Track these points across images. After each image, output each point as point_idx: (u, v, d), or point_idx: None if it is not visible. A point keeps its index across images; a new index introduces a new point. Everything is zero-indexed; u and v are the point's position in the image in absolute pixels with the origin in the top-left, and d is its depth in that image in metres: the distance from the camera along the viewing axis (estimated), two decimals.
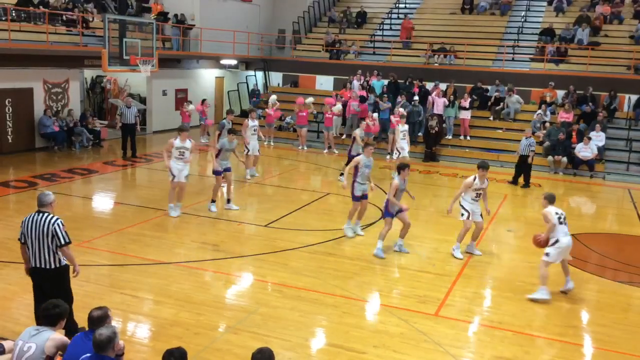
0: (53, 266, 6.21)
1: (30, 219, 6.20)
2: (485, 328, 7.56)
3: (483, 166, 9.95)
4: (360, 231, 10.96)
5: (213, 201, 12.13)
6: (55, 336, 4.95)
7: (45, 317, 5.04)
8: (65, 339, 5.04)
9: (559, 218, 8.38)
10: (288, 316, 7.52)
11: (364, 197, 10.70)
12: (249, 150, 15.24)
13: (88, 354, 4.63)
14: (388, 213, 9.89)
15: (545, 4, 25.88)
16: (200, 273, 8.86)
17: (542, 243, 8.53)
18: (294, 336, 7.00)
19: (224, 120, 14.90)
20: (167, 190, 11.86)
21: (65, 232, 6.20)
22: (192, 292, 8.12)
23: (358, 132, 14.46)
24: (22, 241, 6.30)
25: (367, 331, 7.29)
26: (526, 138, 15.99)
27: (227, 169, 12.12)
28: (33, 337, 4.89)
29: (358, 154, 14.14)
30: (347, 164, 14.02)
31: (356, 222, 10.96)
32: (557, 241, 8.33)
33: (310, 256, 9.77)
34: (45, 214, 6.19)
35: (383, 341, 6.99)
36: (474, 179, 9.81)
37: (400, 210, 9.85)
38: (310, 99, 21.02)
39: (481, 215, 10.10)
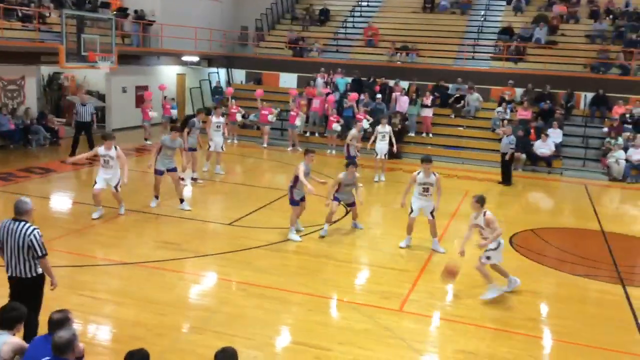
0: (29, 275, 5.95)
1: (6, 227, 5.92)
2: (447, 322, 7.66)
3: (425, 160, 10.12)
4: (301, 227, 10.92)
5: (156, 197, 11.99)
6: (12, 340, 4.83)
7: (3, 320, 4.90)
8: (23, 342, 4.92)
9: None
10: (252, 315, 7.48)
11: (303, 199, 10.71)
12: (210, 147, 15.10)
13: (47, 357, 4.52)
14: (292, 201, 10.44)
15: (504, 3, 26.37)
16: (162, 273, 8.72)
17: (455, 274, 8.20)
18: (259, 335, 6.96)
19: (194, 119, 14.63)
20: (125, 189, 11.57)
21: (42, 243, 5.91)
22: (154, 292, 7.99)
23: (354, 132, 14.84)
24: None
25: (332, 328, 7.32)
26: (507, 136, 16.18)
27: (172, 169, 11.83)
28: None
29: (354, 155, 14.89)
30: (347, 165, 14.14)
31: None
32: (499, 244, 8.33)
33: (274, 254, 9.74)
34: (22, 223, 5.90)
35: (348, 338, 7.01)
36: (418, 173, 10.03)
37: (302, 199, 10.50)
38: (273, 115, 20.72)
39: (432, 213, 10.19)
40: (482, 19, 25.35)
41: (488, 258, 8.30)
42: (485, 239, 8.25)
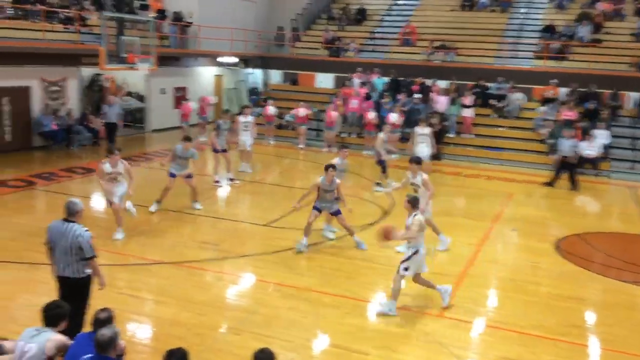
0: (78, 276, 6.02)
1: (57, 227, 6.01)
2: (489, 328, 7.46)
3: (413, 160, 9.94)
4: (333, 228, 10.67)
5: (158, 202, 11.72)
6: (55, 337, 4.89)
7: (46, 317, 4.97)
8: (66, 339, 4.98)
9: (423, 228, 7.72)
10: (289, 316, 7.42)
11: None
12: (238, 146, 15.41)
13: (89, 355, 4.59)
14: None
15: (546, 0, 25.76)
16: (201, 273, 8.76)
17: (389, 236, 7.51)
18: (296, 337, 6.91)
19: (220, 121, 14.80)
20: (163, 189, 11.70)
21: (91, 245, 5.98)
22: (192, 292, 8.02)
23: (382, 136, 14.45)
24: (49, 246, 6.10)
25: (369, 332, 7.20)
26: (567, 139, 15.70)
27: (188, 176, 11.82)
28: (33, 337, 4.84)
29: (384, 159, 14.28)
30: (383, 171, 14.18)
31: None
32: (416, 252, 7.61)
33: (310, 256, 9.67)
34: (72, 224, 5.98)
35: (386, 342, 6.89)
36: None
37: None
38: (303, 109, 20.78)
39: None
40: (523, 17, 24.83)
41: (406, 269, 7.57)
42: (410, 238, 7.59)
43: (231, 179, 14.52)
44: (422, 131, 14.89)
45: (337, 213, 9.94)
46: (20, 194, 12.86)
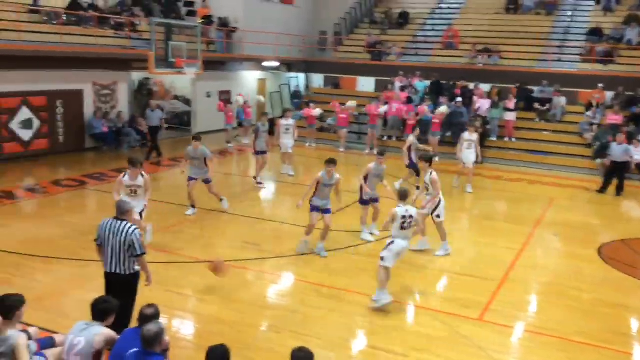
0: (127, 272, 6.26)
1: (108, 225, 6.25)
2: (529, 334, 7.41)
3: (422, 158, 10.20)
4: (375, 230, 10.93)
5: (192, 206, 11.78)
6: (103, 331, 5.09)
7: (95, 312, 5.18)
8: (114, 333, 5.17)
9: (404, 222, 7.82)
10: (328, 316, 7.54)
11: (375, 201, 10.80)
12: (281, 148, 15.58)
13: (135, 349, 4.74)
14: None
15: (593, 3, 25.22)
16: (243, 272, 8.97)
17: (219, 268, 8.09)
18: (335, 337, 7.01)
19: (259, 123, 15.01)
20: (206, 190, 11.94)
21: (141, 243, 6.25)
22: (235, 290, 8.23)
23: (411, 139, 14.19)
24: (98, 243, 6.34)
25: (408, 334, 7.25)
26: (618, 144, 15.37)
27: (206, 180, 11.68)
28: (83, 331, 5.05)
29: (415, 162, 13.77)
30: (417, 174, 14.03)
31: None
32: (392, 242, 7.85)
33: (350, 257, 9.78)
34: (124, 222, 6.23)
35: (424, 344, 6.93)
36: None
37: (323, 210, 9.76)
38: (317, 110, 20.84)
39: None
40: (569, 20, 24.36)
41: (382, 259, 7.82)
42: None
43: (259, 183, 14.57)
44: (470, 137, 14.57)
45: (327, 212, 9.82)
46: (73, 193, 13.38)
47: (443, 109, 18.69)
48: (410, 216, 7.87)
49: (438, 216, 9.95)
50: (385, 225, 7.96)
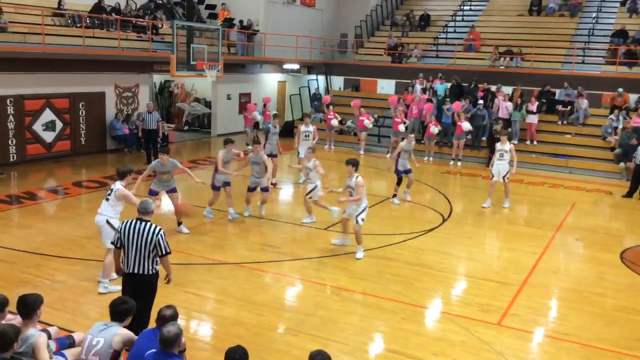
0: (149, 273, 6.25)
1: (131, 226, 6.21)
2: (550, 339, 7.31)
3: (349, 162, 10.00)
4: (235, 214, 11.52)
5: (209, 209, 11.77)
6: (122, 331, 5.13)
7: (114, 312, 5.22)
8: (132, 334, 5.21)
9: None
10: (346, 320, 7.52)
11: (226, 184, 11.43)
12: (299, 154, 15.01)
13: (153, 350, 4.77)
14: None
15: (617, 4, 24.85)
16: (261, 274, 8.99)
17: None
18: (352, 340, 6.98)
19: (269, 125, 14.66)
20: (224, 194, 11.93)
21: (167, 242, 6.26)
22: (253, 292, 8.24)
23: (403, 144, 13.22)
24: (117, 245, 6.33)
25: (426, 338, 7.20)
26: None
27: (227, 183, 11.49)
28: (102, 331, 5.10)
29: (406, 170, 13.31)
30: (398, 184, 13.53)
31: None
32: (366, 207, 9.68)
33: (369, 260, 9.73)
34: (148, 223, 6.22)
35: (443, 349, 6.87)
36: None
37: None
38: (369, 121, 20.60)
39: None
40: (593, 21, 24.03)
41: (362, 220, 9.60)
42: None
43: (273, 184, 14.22)
44: (503, 147, 13.22)
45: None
46: (94, 194, 13.53)
47: (467, 126, 18.39)
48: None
49: (363, 220, 9.72)
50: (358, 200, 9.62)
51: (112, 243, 6.49)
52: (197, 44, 17.91)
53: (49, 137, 16.82)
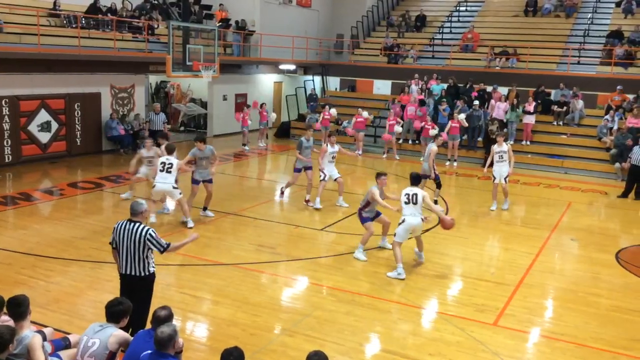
0: (142, 274, 6.24)
1: (122, 227, 6.24)
2: (546, 339, 7.32)
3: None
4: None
5: (205, 208, 11.88)
6: (117, 333, 5.12)
7: (109, 313, 5.21)
8: (128, 335, 5.21)
9: (407, 199, 9.11)
10: (343, 320, 7.51)
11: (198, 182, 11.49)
12: (322, 177, 13.31)
13: (149, 351, 4.76)
14: (364, 219, 9.86)
15: (613, 5, 24.95)
16: (257, 275, 8.98)
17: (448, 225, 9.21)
18: (349, 341, 6.99)
19: (303, 138, 13.26)
20: (223, 193, 11.99)
21: (159, 239, 6.22)
22: (249, 293, 8.24)
23: (434, 148, 13.15)
24: (114, 246, 6.36)
25: (422, 338, 7.20)
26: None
27: (208, 180, 11.55)
28: (97, 333, 5.09)
29: (436, 175, 13.23)
30: (438, 187, 13.46)
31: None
32: (403, 221, 9.12)
33: (366, 261, 9.73)
34: (137, 224, 6.22)
35: (439, 349, 6.88)
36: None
37: (378, 214, 10.05)
38: (365, 113, 20.62)
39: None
40: (589, 22, 24.10)
41: (395, 234, 9.23)
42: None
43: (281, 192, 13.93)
44: (501, 149, 13.06)
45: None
46: (90, 195, 13.51)
47: (462, 117, 18.55)
48: (415, 194, 9.07)
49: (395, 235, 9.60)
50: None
51: (109, 243, 6.49)
52: (193, 44, 17.88)
53: (44, 137, 16.78)
